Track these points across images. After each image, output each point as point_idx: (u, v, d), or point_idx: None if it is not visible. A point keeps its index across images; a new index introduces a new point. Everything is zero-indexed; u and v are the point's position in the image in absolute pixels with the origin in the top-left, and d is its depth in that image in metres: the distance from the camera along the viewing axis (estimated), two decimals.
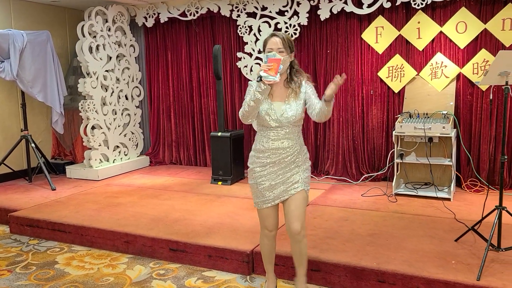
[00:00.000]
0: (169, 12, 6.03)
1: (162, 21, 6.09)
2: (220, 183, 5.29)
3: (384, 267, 2.88)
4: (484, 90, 4.65)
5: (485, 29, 4.58)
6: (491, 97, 3.57)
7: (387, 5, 4.87)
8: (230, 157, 5.25)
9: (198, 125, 6.31)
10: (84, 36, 5.69)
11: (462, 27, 4.67)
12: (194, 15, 5.88)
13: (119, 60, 6.22)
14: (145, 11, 6.18)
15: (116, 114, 6.14)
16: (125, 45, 6.27)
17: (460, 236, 3.27)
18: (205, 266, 3.37)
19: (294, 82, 2.64)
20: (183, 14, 5.96)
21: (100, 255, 3.68)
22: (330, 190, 4.88)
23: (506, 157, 2.91)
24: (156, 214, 4.17)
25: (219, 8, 5.72)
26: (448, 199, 4.34)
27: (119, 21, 6.16)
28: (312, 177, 5.47)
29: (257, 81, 2.51)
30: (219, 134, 5.30)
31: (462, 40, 4.69)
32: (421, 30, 4.84)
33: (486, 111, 4.65)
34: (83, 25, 5.70)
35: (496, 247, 2.98)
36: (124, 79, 6.25)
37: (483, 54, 4.61)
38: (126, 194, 4.96)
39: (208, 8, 5.77)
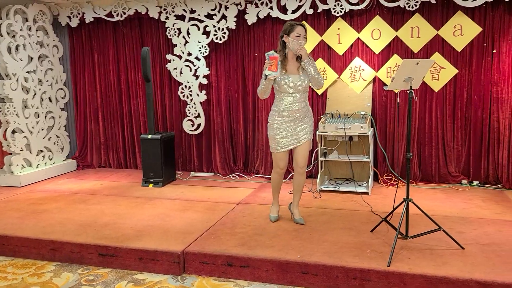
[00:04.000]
0: (95, 12, 5.89)
1: (87, 21, 5.93)
2: (151, 185, 5.29)
3: (307, 260, 3.09)
4: (396, 92, 5.07)
5: (397, 36, 5.01)
6: (398, 101, 3.91)
7: (310, 11, 5.14)
8: (161, 159, 5.25)
9: (128, 127, 6.23)
10: (1, 35, 5.39)
11: (377, 34, 5.06)
12: (121, 16, 5.80)
13: (42, 61, 5.96)
14: (69, 10, 5.98)
15: (39, 117, 5.89)
16: (47, 45, 6.02)
17: (375, 227, 3.58)
18: (136, 269, 3.39)
19: (300, 59, 3.53)
20: (110, 14, 5.85)
21: (24, 265, 3.56)
22: (259, 189, 5.06)
23: (411, 154, 3.24)
24: (84, 219, 4.10)
25: (147, 10, 5.68)
26: (367, 193, 4.70)
27: (40, 20, 5.90)
28: (242, 176, 5.64)
29: (264, 78, 3.43)
30: (149, 136, 5.28)
31: (377, 46, 5.08)
32: (341, 36, 5.17)
33: (399, 112, 5.07)
34: (1, 24, 5.40)
35: (405, 236, 3.31)
36: (47, 81, 6.01)
37: (395, 59, 5.02)
38: (51, 200, 4.79)
39: (135, 10, 5.71)
